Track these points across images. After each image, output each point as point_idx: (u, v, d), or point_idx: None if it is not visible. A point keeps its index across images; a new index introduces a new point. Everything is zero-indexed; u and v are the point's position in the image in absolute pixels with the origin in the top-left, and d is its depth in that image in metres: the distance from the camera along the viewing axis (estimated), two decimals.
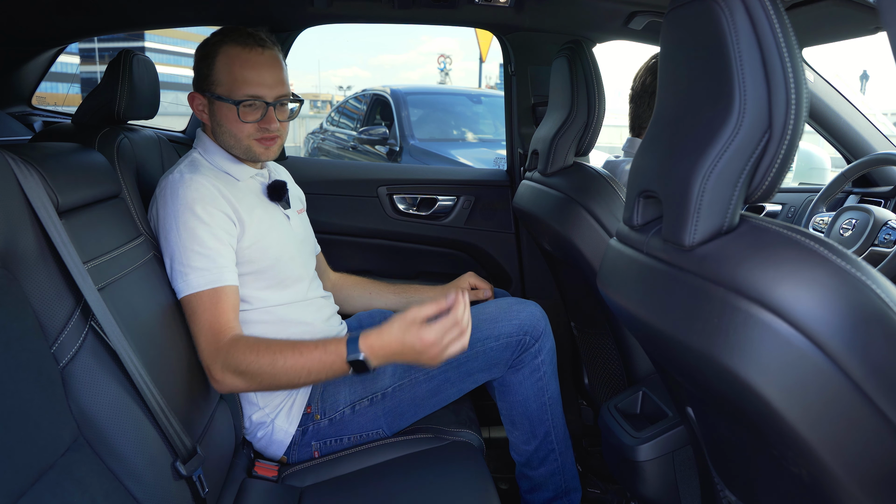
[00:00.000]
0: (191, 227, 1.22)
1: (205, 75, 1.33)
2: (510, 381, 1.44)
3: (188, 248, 1.22)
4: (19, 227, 0.87)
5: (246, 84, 1.29)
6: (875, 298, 0.60)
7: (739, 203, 0.71)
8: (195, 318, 1.21)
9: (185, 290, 1.22)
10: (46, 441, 0.81)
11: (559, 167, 1.57)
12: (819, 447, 0.62)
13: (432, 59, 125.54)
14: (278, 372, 1.16)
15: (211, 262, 1.22)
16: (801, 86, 0.67)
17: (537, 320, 1.41)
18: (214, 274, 1.22)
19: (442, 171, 2.52)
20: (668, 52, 0.82)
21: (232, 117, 1.31)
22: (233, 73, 1.30)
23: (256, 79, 1.30)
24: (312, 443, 1.37)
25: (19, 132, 2.24)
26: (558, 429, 1.47)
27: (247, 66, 1.30)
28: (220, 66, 1.31)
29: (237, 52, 1.30)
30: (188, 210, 1.23)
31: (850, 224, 1.57)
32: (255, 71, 1.30)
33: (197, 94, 1.36)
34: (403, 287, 1.72)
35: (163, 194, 1.27)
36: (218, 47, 1.31)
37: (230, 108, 1.31)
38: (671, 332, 0.74)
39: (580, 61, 1.48)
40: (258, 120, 1.31)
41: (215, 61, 1.31)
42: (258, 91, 1.30)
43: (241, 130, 1.32)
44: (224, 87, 1.31)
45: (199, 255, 1.22)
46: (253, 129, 1.32)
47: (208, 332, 1.19)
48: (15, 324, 0.82)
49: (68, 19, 1.82)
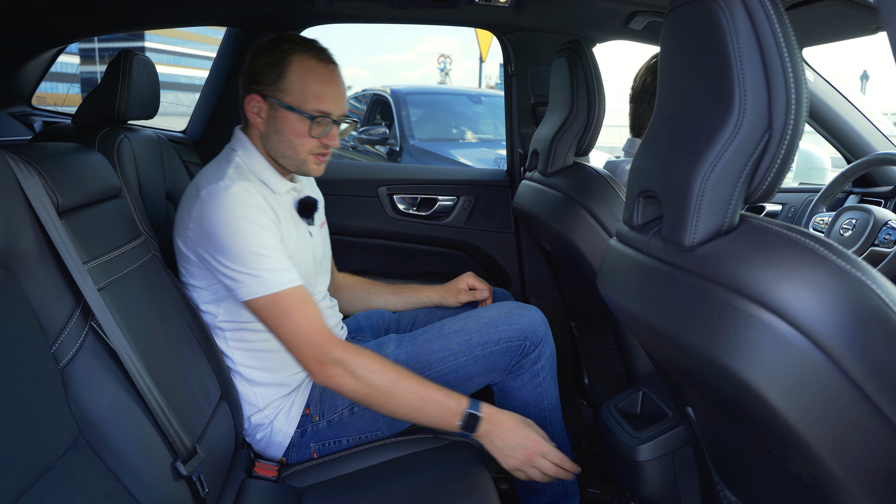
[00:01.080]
0: (252, 234, 1.20)
1: (272, 80, 1.28)
2: (509, 387, 1.43)
3: (254, 252, 1.20)
4: (19, 227, 0.87)
5: (320, 99, 1.28)
6: (875, 298, 0.60)
7: (739, 203, 0.71)
8: (285, 317, 1.21)
9: (258, 292, 1.20)
10: (46, 441, 0.81)
11: (559, 167, 1.57)
12: (819, 447, 0.62)
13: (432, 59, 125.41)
14: (396, 392, 1.20)
15: (281, 263, 1.22)
16: (801, 86, 0.67)
17: (538, 326, 1.40)
18: (290, 273, 1.22)
19: (442, 171, 2.52)
20: (668, 52, 0.82)
21: (299, 130, 1.29)
22: (307, 86, 1.27)
23: (330, 95, 1.28)
24: (311, 444, 1.37)
25: (19, 132, 2.24)
26: (557, 434, 1.46)
27: (323, 81, 1.28)
28: (294, 76, 1.27)
29: (313, 65, 1.28)
30: (245, 218, 1.21)
31: (851, 224, 1.57)
32: (330, 87, 1.29)
33: (257, 97, 1.31)
34: (402, 287, 1.72)
35: (213, 200, 1.22)
36: (290, 55, 1.28)
37: (302, 120, 1.28)
38: (671, 332, 0.74)
39: (580, 61, 1.48)
40: (321, 136, 1.30)
41: (288, 69, 1.27)
42: (329, 108, 1.29)
43: (303, 144, 1.30)
44: (296, 97, 1.28)
45: (267, 258, 1.21)
46: (315, 144, 1.30)
47: (309, 328, 1.21)
48: (15, 324, 0.82)
49: (68, 19, 1.82)
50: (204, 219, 1.22)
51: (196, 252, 1.26)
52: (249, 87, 1.32)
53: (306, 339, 1.21)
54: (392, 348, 1.40)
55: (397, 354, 1.37)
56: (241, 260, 1.20)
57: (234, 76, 2.18)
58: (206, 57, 53.22)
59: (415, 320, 1.67)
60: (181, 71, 57.09)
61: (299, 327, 1.21)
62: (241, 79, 1.35)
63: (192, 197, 1.26)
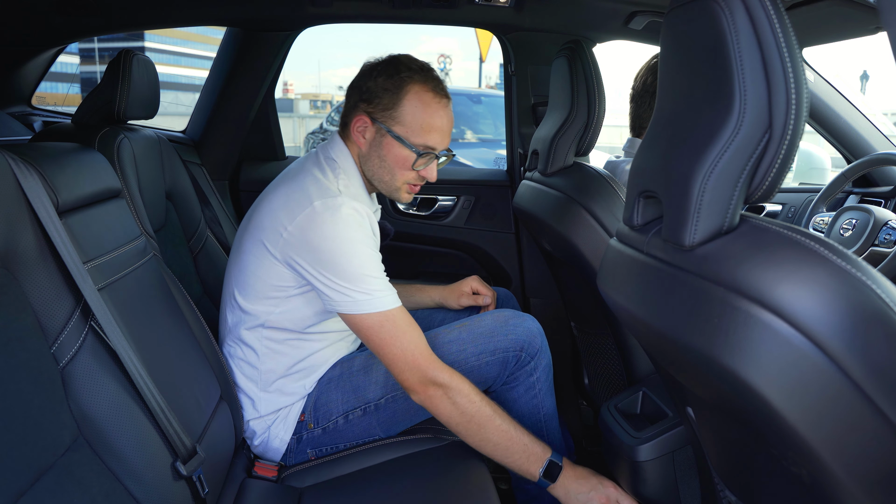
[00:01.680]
0: (365, 256, 1.23)
1: (385, 106, 1.28)
2: (504, 399, 1.41)
3: (366, 274, 1.22)
4: (19, 227, 0.87)
5: (430, 134, 1.28)
6: (875, 298, 0.60)
7: (739, 203, 0.71)
8: (392, 337, 1.23)
9: (370, 309, 1.22)
10: (46, 441, 0.81)
11: (559, 167, 1.57)
12: (819, 447, 0.62)
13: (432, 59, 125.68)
14: (488, 427, 1.22)
15: (385, 285, 1.25)
16: (802, 86, 0.67)
17: (533, 336, 1.38)
18: (392, 296, 1.25)
19: (442, 171, 2.52)
20: (668, 52, 0.82)
21: (403, 161, 1.29)
22: (420, 119, 1.27)
23: (440, 130, 1.29)
24: (308, 450, 1.37)
25: (19, 132, 2.24)
26: (554, 442, 1.44)
27: (436, 116, 1.28)
28: (409, 106, 1.27)
29: (430, 99, 1.28)
30: (359, 241, 1.23)
31: (851, 224, 1.57)
32: (442, 122, 1.29)
33: (366, 118, 1.30)
34: (405, 286, 1.70)
35: (328, 216, 1.22)
36: (408, 83, 1.27)
37: (408, 153, 1.29)
38: (671, 332, 0.74)
39: (580, 61, 1.48)
40: (423, 168, 1.31)
41: (404, 97, 1.27)
42: (436, 143, 1.29)
43: (403, 174, 1.31)
44: (407, 128, 1.28)
45: (376, 279, 1.24)
46: (414, 176, 1.32)
47: (416, 349, 1.23)
48: (15, 324, 0.81)
49: (68, 19, 1.82)
50: (314, 231, 1.22)
51: (287, 258, 1.25)
52: (359, 104, 1.31)
53: (412, 359, 1.23)
54: None
55: None
56: (353, 280, 1.21)
57: (234, 76, 2.19)
58: (206, 57, 53.23)
59: None
60: (181, 71, 57.10)
61: (406, 347, 1.23)
62: (351, 92, 1.34)
63: (302, 203, 1.24)
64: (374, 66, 1.31)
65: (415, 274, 2.35)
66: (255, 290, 1.32)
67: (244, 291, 1.33)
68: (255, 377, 1.35)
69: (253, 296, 1.32)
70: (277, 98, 2.52)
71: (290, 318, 1.33)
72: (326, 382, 1.39)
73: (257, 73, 2.19)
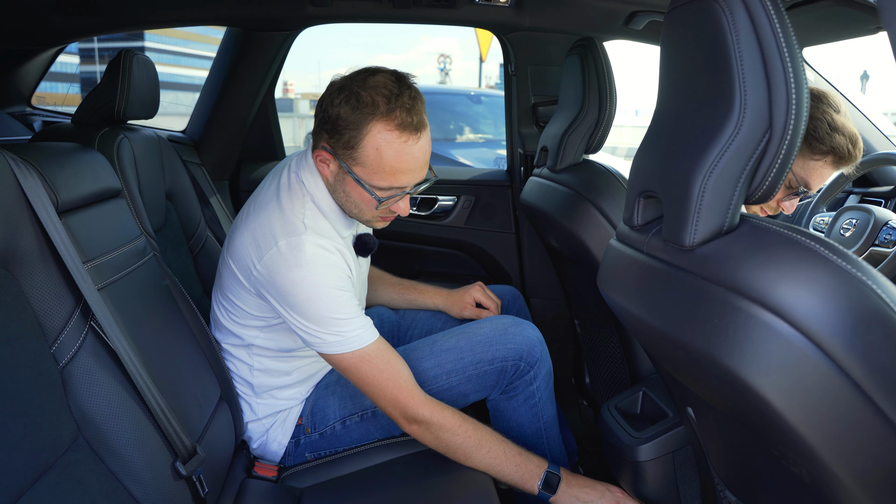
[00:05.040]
0: (331, 299, 1.18)
1: (346, 143, 1.14)
2: (503, 408, 1.39)
3: (335, 318, 1.18)
4: (19, 227, 0.87)
5: (393, 177, 1.16)
6: (875, 298, 0.60)
7: (740, 203, 0.71)
8: (369, 376, 1.21)
9: (341, 350, 1.20)
10: (46, 441, 0.81)
11: (568, 164, 1.57)
12: (819, 447, 0.62)
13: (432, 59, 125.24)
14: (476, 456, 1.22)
15: (359, 322, 1.21)
16: (802, 86, 0.67)
17: (533, 345, 1.34)
18: (368, 331, 1.21)
19: (442, 171, 2.52)
20: (668, 52, 0.82)
21: (367, 201, 1.19)
22: (381, 163, 1.14)
23: (406, 173, 1.16)
24: (306, 454, 1.37)
25: (19, 132, 2.23)
26: (554, 450, 1.43)
27: (400, 159, 1.14)
28: (369, 148, 1.13)
29: (391, 140, 1.12)
30: (325, 284, 1.17)
31: (851, 224, 1.57)
32: (408, 164, 1.15)
33: (326, 153, 1.18)
34: (408, 286, 1.68)
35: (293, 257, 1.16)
36: (370, 121, 1.12)
37: (370, 196, 1.18)
38: (671, 332, 0.74)
39: (593, 59, 1.48)
40: (391, 205, 1.22)
41: (364, 138, 1.12)
42: (402, 184, 1.17)
43: (370, 211, 1.22)
44: (366, 171, 1.15)
45: (345, 321, 1.19)
46: (384, 211, 1.23)
47: (395, 388, 1.21)
48: (15, 324, 0.81)
49: (68, 19, 1.82)
50: (280, 274, 1.17)
51: (260, 293, 1.23)
52: (322, 133, 1.18)
53: (392, 397, 1.21)
54: None
55: None
56: (322, 323, 1.18)
57: (234, 76, 2.19)
58: (206, 57, 53.19)
59: (414, 327, 1.64)
60: (181, 71, 57.08)
61: (384, 387, 1.21)
62: (318, 111, 1.20)
63: (268, 242, 1.18)
64: (340, 87, 1.15)
65: (415, 274, 2.35)
66: (238, 314, 1.30)
67: (229, 314, 1.32)
68: (248, 386, 1.35)
69: (236, 320, 1.31)
70: (277, 98, 2.52)
71: (277, 343, 1.31)
72: (324, 388, 1.38)
73: (257, 73, 2.19)
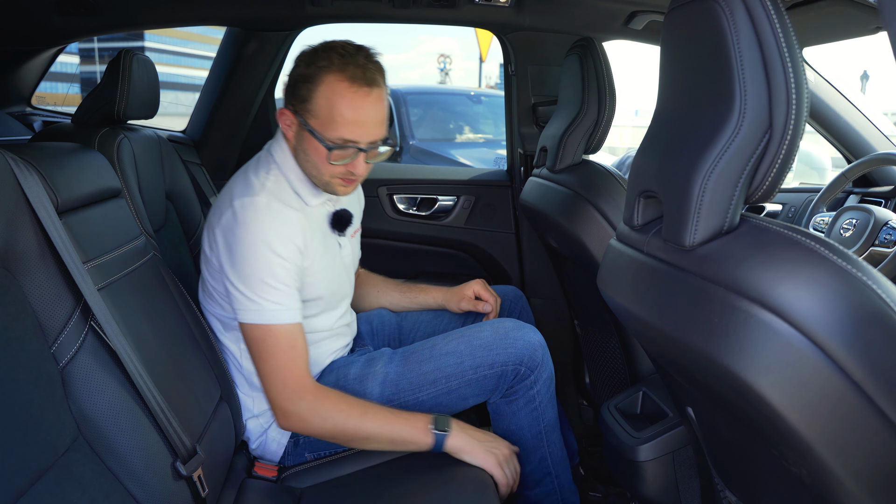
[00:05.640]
0: (269, 260, 1.19)
1: (302, 98, 1.21)
2: (504, 412, 1.38)
3: (262, 279, 1.19)
4: (19, 227, 0.87)
5: (344, 127, 1.19)
6: (875, 298, 0.60)
7: (740, 203, 0.71)
8: (268, 353, 1.21)
9: (252, 319, 1.21)
10: (46, 441, 0.81)
11: (568, 164, 1.58)
12: (819, 447, 0.62)
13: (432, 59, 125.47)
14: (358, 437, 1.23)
15: (285, 297, 1.21)
16: (802, 86, 0.67)
17: (534, 350, 1.33)
18: (289, 312, 1.21)
19: (442, 171, 2.52)
20: (668, 52, 0.82)
21: (320, 155, 1.23)
22: (332, 111, 1.19)
23: (355, 124, 1.19)
24: (306, 454, 1.36)
25: (19, 132, 2.23)
26: (555, 454, 1.41)
27: (350, 108, 1.18)
28: (321, 98, 1.19)
29: (342, 90, 1.18)
30: (267, 243, 1.19)
31: (851, 224, 1.57)
32: (357, 114, 1.19)
33: (288, 112, 1.25)
34: (409, 286, 1.68)
35: (245, 216, 1.20)
36: (323, 73, 1.19)
37: (322, 146, 1.22)
38: (671, 332, 0.74)
39: (592, 59, 1.49)
40: (346, 162, 1.23)
41: (317, 89, 1.19)
42: (354, 136, 1.20)
43: (326, 169, 1.24)
44: (319, 122, 1.20)
45: (273, 289, 1.20)
46: (340, 170, 1.25)
47: (283, 373, 1.21)
48: (15, 324, 0.81)
49: (68, 19, 1.82)
50: (230, 231, 1.20)
51: (219, 260, 1.24)
52: (285, 97, 1.26)
53: (282, 379, 1.21)
54: (382, 365, 1.36)
55: (387, 372, 1.34)
56: (248, 283, 1.19)
57: (234, 76, 2.19)
58: (206, 57, 53.18)
59: (417, 330, 1.64)
60: (181, 71, 57.08)
61: (279, 368, 1.22)
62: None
63: (226, 205, 1.23)
64: (300, 54, 1.23)
65: (415, 274, 2.35)
66: (215, 295, 1.31)
67: (209, 296, 1.33)
68: (240, 377, 1.35)
69: (214, 301, 1.32)
70: (277, 98, 2.51)
71: None
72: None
73: (257, 73, 2.19)
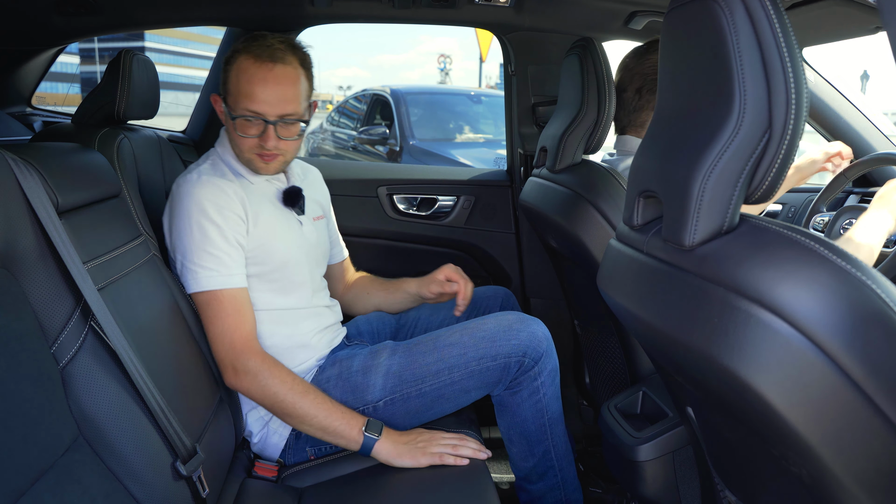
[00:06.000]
0: (203, 227, 1.26)
1: (224, 81, 1.34)
2: (508, 403, 1.39)
3: (199, 247, 1.26)
4: (19, 227, 0.87)
5: (247, 99, 1.28)
6: (875, 298, 0.60)
7: (739, 203, 0.71)
8: (214, 317, 1.26)
9: (195, 287, 1.27)
10: (46, 441, 0.81)
11: (567, 164, 1.57)
12: (819, 447, 0.62)
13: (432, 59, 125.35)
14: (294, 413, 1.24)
15: (220, 263, 1.27)
16: (801, 85, 0.67)
17: (538, 341, 1.33)
18: (224, 276, 1.27)
19: (442, 171, 2.52)
20: (668, 52, 0.82)
21: (232, 129, 1.33)
22: (238, 86, 1.30)
23: (258, 95, 1.28)
24: (307, 448, 1.36)
25: (19, 132, 2.23)
26: (558, 447, 1.42)
27: (252, 82, 1.28)
28: (232, 76, 1.31)
29: (247, 66, 1.29)
30: (201, 210, 1.26)
31: (851, 224, 1.57)
32: (259, 87, 1.28)
33: (217, 97, 1.37)
34: (391, 282, 1.71)
35: (178, 193, 1.30)
36: (237, 55, 1.31)
37: (230, 120, 1.32)
38: (671, 332, 0.74)
39: (591, 59, 1.48)
40: (257, 136, 1.31)
41: (231, 69, 1.31)
42: (258, 108, 1.29)
43: (241, 143, 1.33)
44: (231, 97, 1.32)
45: (209, 255, 1.26)
46: (253, 143, 1.32)
47: (230, 334, 1.25)
48: (15, 324, 0.82)
49: (68, 19, 1.82)
50: (172, 210, 1.31)
51: (171, 244, 1.32)
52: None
53: (229, 342, 1.25)
54: (385, 357, 1.37)
55: (390, 364, 1.35)
56: (187, 253, 1.27)
57: None
58: (206, 57, 53.22)
59: (415, 326, 1.65)
60: (181, 71, 57.10)
61: (224, 330, 1.26)
62: None
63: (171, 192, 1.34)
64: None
65: (415, 274, 2.34)
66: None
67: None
68: None
69: None
70: None
71: None
72: (325, 381, 1.38)
73: None
